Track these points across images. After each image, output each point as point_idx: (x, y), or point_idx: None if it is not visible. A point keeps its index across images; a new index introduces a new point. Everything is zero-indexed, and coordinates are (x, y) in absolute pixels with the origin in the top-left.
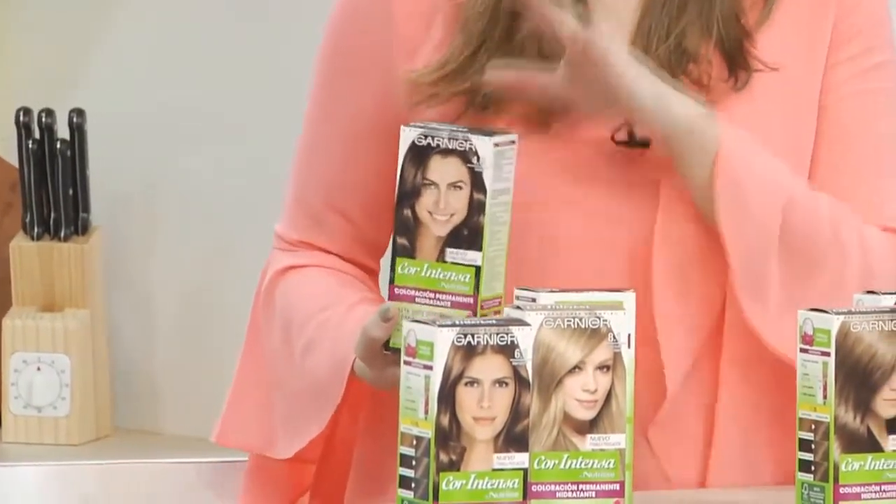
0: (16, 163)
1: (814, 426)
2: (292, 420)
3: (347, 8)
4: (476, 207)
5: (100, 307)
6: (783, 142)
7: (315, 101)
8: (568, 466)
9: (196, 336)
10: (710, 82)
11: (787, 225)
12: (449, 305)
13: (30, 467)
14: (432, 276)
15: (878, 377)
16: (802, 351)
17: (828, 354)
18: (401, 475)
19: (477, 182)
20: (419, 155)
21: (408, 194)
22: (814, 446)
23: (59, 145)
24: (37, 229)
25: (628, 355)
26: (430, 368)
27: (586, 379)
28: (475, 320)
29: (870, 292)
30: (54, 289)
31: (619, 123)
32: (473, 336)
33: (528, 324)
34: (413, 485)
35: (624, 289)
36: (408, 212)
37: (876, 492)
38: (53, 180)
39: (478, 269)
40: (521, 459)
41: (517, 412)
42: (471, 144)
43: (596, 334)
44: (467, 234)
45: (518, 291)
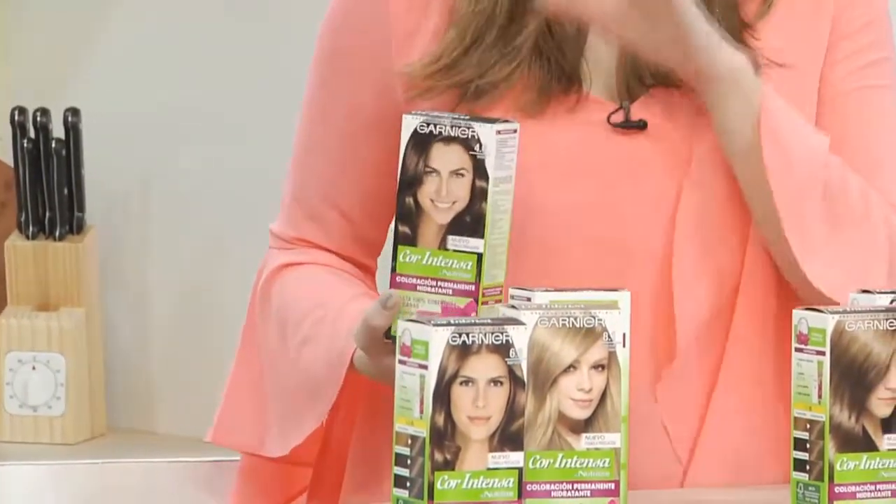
0: (11, 162)
1: (809, 425)
2: (288, 417)
3: (343, 7)
4: (478, 195)
5: (95, 306)
6: None
7: (312, 100)
8: (563, 466)
9: (191, 335)
10: None
11: (828, 179)
12: (450, 293)
13: (25, 466)
14: (434, 263)
15: (873, 376)
16: (797, 350)
17: (823, 354)
18: (396, 474)
19: (479, 169)
20: (421, 143)
21: (410, 182)
22: (809, 445)
23: (54, 144)
24: (32, 228)
25: (623, 355)
26: (425, 368)
27: (581, 378)
28: (470, 319)
29: (864, 291)
30: (49, 288)
31: (615, 107)
32: (468, 335)
33: (522, 323)
34: (408, 484)
35: (619, 288)
36: (410, 199)
37: (871, 491)
38: (48, 179)
39: (479, 256)
40: (515, 459)
41: (512, 411)
42: (473, 132)
43: (591, 334)
44: (469, 221)
45: (513, 291)
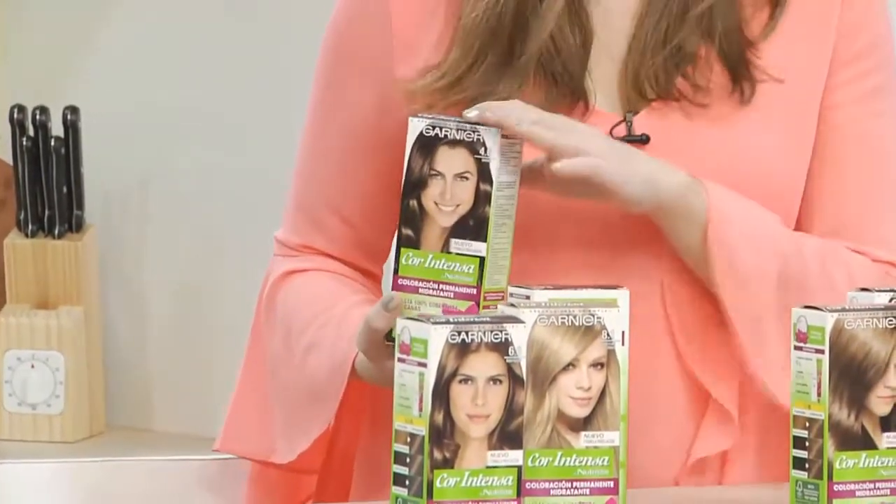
0: (10, 160)
1: (808, 424)
2: (294, 423)
3: (346, 14)
4: (482, 198)
5: (94, 305)
6: (783, 147)
7: (315, 108)
8: (562, 464)
9: (189, 334)
10: (710, 86)
11: (782, 281)
12: (452, 296)
13: (24, 465)
14: (436, 266)
15: (872, 375)
16: (797, 348)
17: (822, 352)
18: (395, 472)
19: (484, 173)
20: (427, 146)
21: (414, 185)
22: (808, 444)
23: (53, 143)
24: (31, 227)
25: (622, 353)
26: (424, 366)
27: (580, 376)
28: (469, 318)
29: (864, 290)
30: (48, 286)
31: (617, 119)
32: (467, 333)
33: (522, 321)
34: (407, 482)
35: (618, 286)
36: (414, 202)
37: (870, 489)
38: (47, 178)
39: (482, 259)
40: (515, 457)
41: (511, 410)
42: (479, 136)
43: (590, 332)
44: (472, 224)
45: (512, 289)
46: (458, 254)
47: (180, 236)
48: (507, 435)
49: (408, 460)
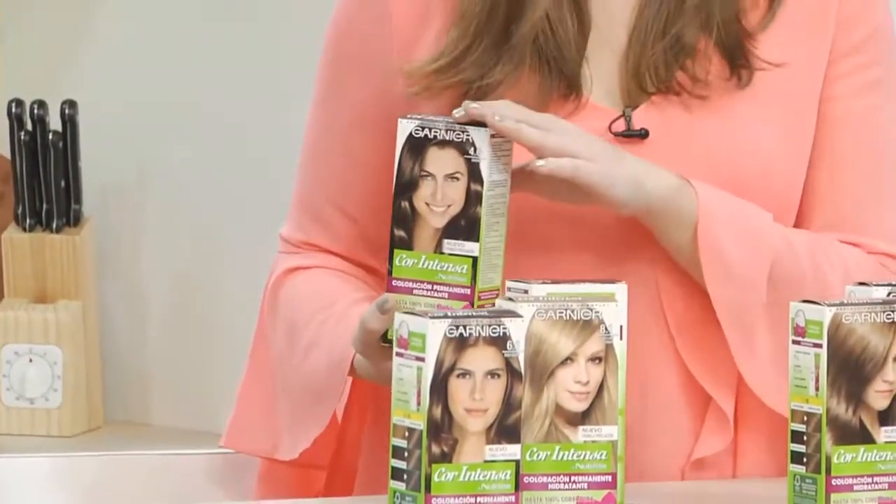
0: (8, 154)
1: (806, 418)
2: (296, 421)
3: (347, 13)
4: (473, 198)
5: (92, 299)
6: (783, 140)
7: (317, 106)
8: (560, 458)
9: (188, 328)
10: (709, 78)
11: (773, 281)
12: (446, 297)
13: (22, 459)
14: (430, 267)
15: (870, 369)
16: (794, 343)
17: (820, 346)
18: (393, 467)
19: (474, 173)
20: (416, 147)
21: (405, 186)
22: (806, 438)
23: (51, 137)
24: (29, 221)
25: (620, 347)
26: (422, 360)
27: (578, 371)
28: (467, 312)
29: (862, 284)
30: (46, 280)
31: (615, 114)
32: (465, 328)
33: (520, 315)
34: (405, 476)
35: (616, 280)
36: (405, 203)
37: (868, 483)
38: (45, 172)
39: (475, 259)
40: (513, 451)
41: (509, 404)
42: (468, 136)
43: (588, 326)
44: (465, 224)
45: (510, 283)
46: (451, 254)
47: (178, 230)
48: (506, 429)
49: (406, 454)
